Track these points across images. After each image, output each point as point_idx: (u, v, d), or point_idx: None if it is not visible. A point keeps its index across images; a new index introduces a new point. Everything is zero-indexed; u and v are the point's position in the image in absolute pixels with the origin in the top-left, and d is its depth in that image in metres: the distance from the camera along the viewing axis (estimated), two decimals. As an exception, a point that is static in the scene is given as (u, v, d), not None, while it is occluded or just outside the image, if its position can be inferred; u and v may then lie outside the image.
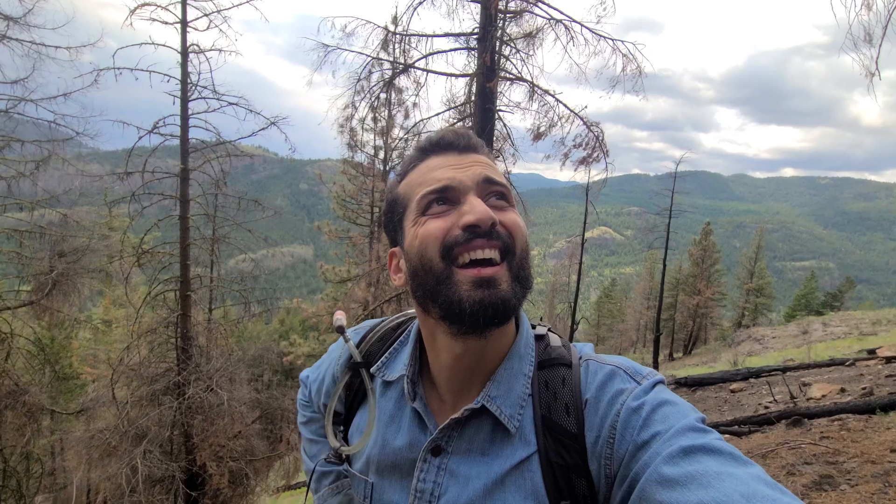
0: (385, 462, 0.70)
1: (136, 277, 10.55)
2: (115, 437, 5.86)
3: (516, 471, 0.62)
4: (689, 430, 0.53)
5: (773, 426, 5.72)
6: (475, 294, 0.58)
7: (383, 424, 0.72)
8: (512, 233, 0.62)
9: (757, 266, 32.89)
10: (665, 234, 14.59)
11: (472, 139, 0.70)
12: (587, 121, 5.47)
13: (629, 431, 0.57)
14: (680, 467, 0.49)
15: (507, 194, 0.66)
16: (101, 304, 17.86)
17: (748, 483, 0.46)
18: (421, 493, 0.65)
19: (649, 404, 0.58)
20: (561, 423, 0.62)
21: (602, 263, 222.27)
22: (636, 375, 0.63)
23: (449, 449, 0.66)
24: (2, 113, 7.24)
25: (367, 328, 0.85)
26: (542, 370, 0.67)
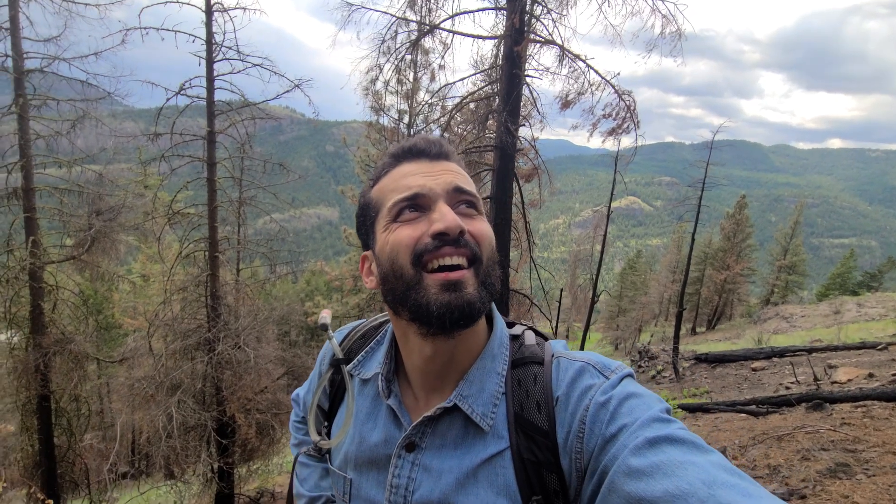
0: (362, 458, 0.72)
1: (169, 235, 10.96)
2: (152, 386, 6.28)
3: (488, 465, 0.64)
4: (654, 420, 0.55)
5: (792, 408, 5.65)
6: (442, 297, 0.61)
7: (360, 421, 0.74)
8: (479, 242, 0.64)
9: (792, 242, 31.55)
10: (696, 206, 14.06)
11: (444, 147, 0.71)
12: (618, 89, 5.20)
13: (597, 426, 0.59)
14: (646, 458, 0.51)
15: (476, 203, 0.68)
16: (139, 259, 18.72)
17: (709, 470, 0.48)
18: (396, 487, 0.67)
19: (616, 398, 0.59)
20: (533, 420, 0.64)
21: (628, 234, 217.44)
22: (604, 370, 0.64)
23: (423, 445, 0.68)
24: (37, 71, 7.40)
25: (351, 327, 0.88)
26: (516, 368, 0.69)
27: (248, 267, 9.52)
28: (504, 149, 5.26)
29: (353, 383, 0.77)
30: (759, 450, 4.16)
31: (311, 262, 27.46)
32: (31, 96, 7.35)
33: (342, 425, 0.72)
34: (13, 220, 7.55)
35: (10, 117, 7.42)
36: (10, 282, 7.51)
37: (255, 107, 7.25)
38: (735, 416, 6.07)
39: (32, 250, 7.39)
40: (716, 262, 30.02)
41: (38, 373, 7.43)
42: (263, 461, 7.53)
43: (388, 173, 0.70)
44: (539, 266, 7.80)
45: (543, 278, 8.39)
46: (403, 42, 6.65)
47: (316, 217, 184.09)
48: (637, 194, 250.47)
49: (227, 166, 7.38)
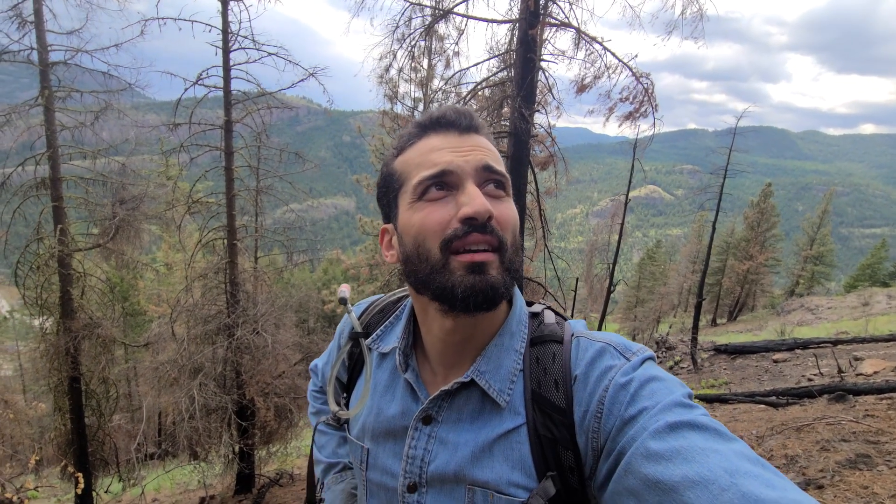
0: (379, 429, 0.73)
1: (190, 224, 11.23)
2: (175, 369, 6.48)
3: (504, 440, 0.64)
4: (676, 405, 0.54)
5: (813, 400, 5.52)
6: (467, 279, 0.60)
7: (379, 393, 0.75)
8: (504, 227, 0.63)
9: (820, 232, 30.54)
10: (718, 194, 13.71)
11: (475, 120, 0.68)
12: (636, 71, 5.06)
13: (616, 407, 0.58)
14: (666, 442, 0.50)
15: (505, 183, 0.66)
16: (163, 248, 19.24)
17: (731, 459, 0.47)
18: (412, 458, 0.68)
19: (637, 380, 0.59)
20: (550, 397, 0.64)
21: (648, 224, 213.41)
22: (626, 352, 0.64)
23: (439, 418, 0.68)
24: (61, 63, 7.59)
25: (369, 301, 0.89)
26: (535, 346, 0.69)
27: (266, 255, 9.68)
28: (518, 135, 5.20)
29: (372, 356, 0.78)
30: (777, 440, 4.09)
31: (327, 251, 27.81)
32: (56, 88, 7.55)
33: (360, 397, 0.74)
34: (42, 209, 7.82)
35: (36, 109, 7.66)
36: (40, 268, 7.81)
37: (271, 96, 7.31)
38: (754, 408, 5.97)
39: (61, 238, 7.65)
40: (738, 252, 29.28)
41: (69, 356, 7.75)
42: (282, 444, 7.73)
43: (413, 144, 0.68)
44: (555, 255, 7.74)
45: (559, 268, 8.33)
46: (417, 28, 6.59)
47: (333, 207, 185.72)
48: (657, 183, 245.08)
49: (245, 155, 7.49)
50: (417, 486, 0.68)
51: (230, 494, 7.57)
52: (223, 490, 7.77)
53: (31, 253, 7.86)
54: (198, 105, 6.99)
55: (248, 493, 7.47)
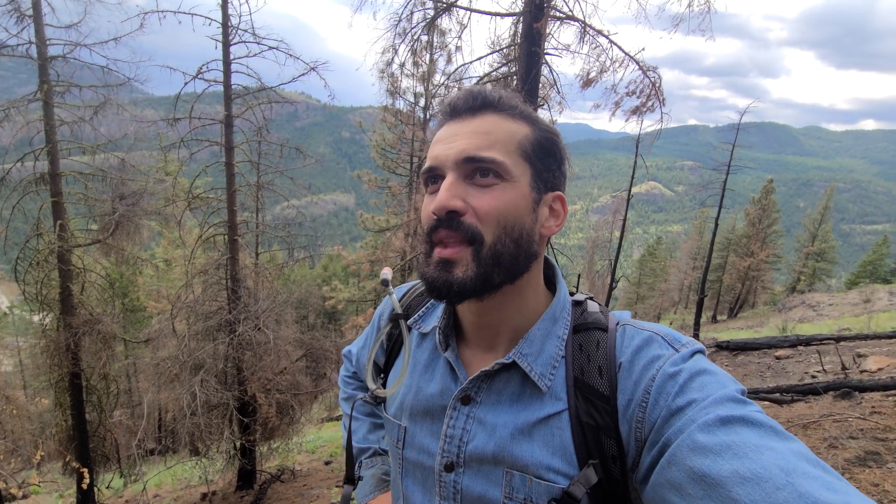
0: (418, 407, 0.74)
1: (190, 220, 11.19)
2: (176, 366, 6.45)
3: (544, 425, 0.63)
4: (728, 400, 0.52)
5: (818, 397, 5.50)
6: (430, 272, 0.63)
7: (418, 372, 0.76)
8: (482, 219, 0.62)
9: (821, 228, 30.48)
10: (720, 191, 13.65)
11: (480, 98, 0.66)
12: (643, 65, 5.00)
13: (664, 397, 0.57)
14: (716, 436, 0.49)
15: (495, 169, 0.62)
16: (162, 244, 19.19)
17: (789, 458, 0.45)
18: (451, 438, 0.68)
19: (687, 371, 0.57)
20: (593, 384, 0.63)
21: (648, 220, 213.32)
22: (675, 343, 0.62)
23: (478, 399, 0.68)
24: (60, 58, 7.52)
25: (410, 285, 0.89)
26: (578, 333, 0.68)
27: (266, 251, 9.66)
28: (522, 130, 5.14)
29: (412, 337, 0.79)
30: (783, 438, 4.06)
31: (328, 248, 27.74)
32: (54, 83, 7.48)
33: (398, 375, 0.74)
34: (41, 204, 7.77)
35: (35, 104, 7.59)
36: (40, 264, 7.77)
37: (271, 90, 7.24)
38: (759, 405, 5.94)
39: (60, 234, 7.61)
40: (739, 249, 29.24)
41: (69, 351, 7.72)
42: (283, 440, 7.72)
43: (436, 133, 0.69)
44: (557, 251, 7.69)
45: (561, 264, 8.29)
46: (419, 22, 6.52)
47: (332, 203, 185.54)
48: (658, 179, 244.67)
49: (245, 150, 7.43)
50: (455, 466, 0.68)
51: (232, 490, 7.57)
52: (225, 486, 7.76)
53: (30, 248, 7.82)
54: (197, 100, 6.93)
55: (250, 489, 7.47)
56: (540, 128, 0.67)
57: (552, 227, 0.68)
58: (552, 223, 0.68)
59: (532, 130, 0.66)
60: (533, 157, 0.65)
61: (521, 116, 0.67)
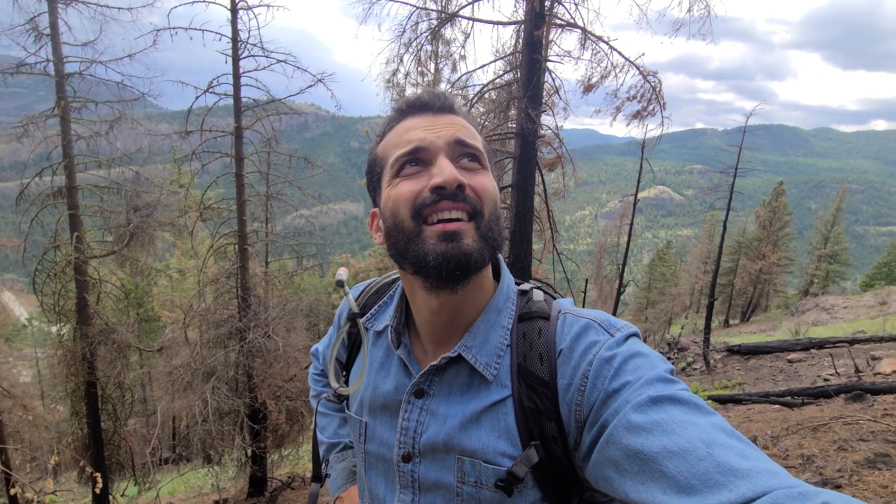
0: (376, 403, 0.77)
1: (202, 231, 11.39)
2: (188, 373, 6.56)
3: (491, 411, 0.67)
4: (658, 380, 0.57)
5: (830, 400, 5.43)
6: (439, 247, 0.62)
7: (375, 370, 0.79)
8: (480, 196, 0.65)
9: (834, 230, 30.00)
10: (728, 194, 13.56)
11: (449, 99, 0.71)
12: (643, 70, 5.05)
13: (600, 380, 0.60)
14: (647, 415, 0.53)
15: (479, 157, 0.68)
16: (175, 255, 19.49)
17: (709, 431, 0.50)
18: (405, 430, 0.72)
19: (621, 355, 0.61)
20: (534, 371, 0.66)
21: (657, 225, 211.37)
22: (610, 328, 0.66)
23: (431, 392, 0.71)
24: (77, 75, 7.77)
25: (366, 284, 0.92)
26: (522, 322, 0.71)
27: (276, 260, 9.78)
28: (525, 135, 5.21)
29: (369, 335, 0.82)
30: (793, 440, 4.03)
31: (337, 256, 27.92)
32: (71, 99, 7.72)
33: (358, 374, 0.77)
34: (58, 217, 7.98)
35: (53, 120, 7.83)
36: (57, 276, 7.96)
37: (280, 102, 7.40)
38: (768, 408, 5.88)
39: (77, 246, 7.80)
40: (750, 252, 28.88)
41: (85, 361, 7.87)
42: (294, 447, 7.78)
43: (392, 128, 0.71)
44: (564, 257, 7.71)
45: (569, 269, 8.30)
46: (424, 32, 6.64)
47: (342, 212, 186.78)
48: (666, 183, 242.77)
49: (255, 161, 7.59)
50: (411, 456, 0.71)
51: (243, 498, 7.62)
52: (236, 493, 7.83)
53: (48, 261, 8.02)
54: (209, 113, 7.11)
55: (261, 496, 7.52)
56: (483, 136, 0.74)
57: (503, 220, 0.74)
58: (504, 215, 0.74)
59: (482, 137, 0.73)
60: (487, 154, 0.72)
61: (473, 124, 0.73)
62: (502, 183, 8.20)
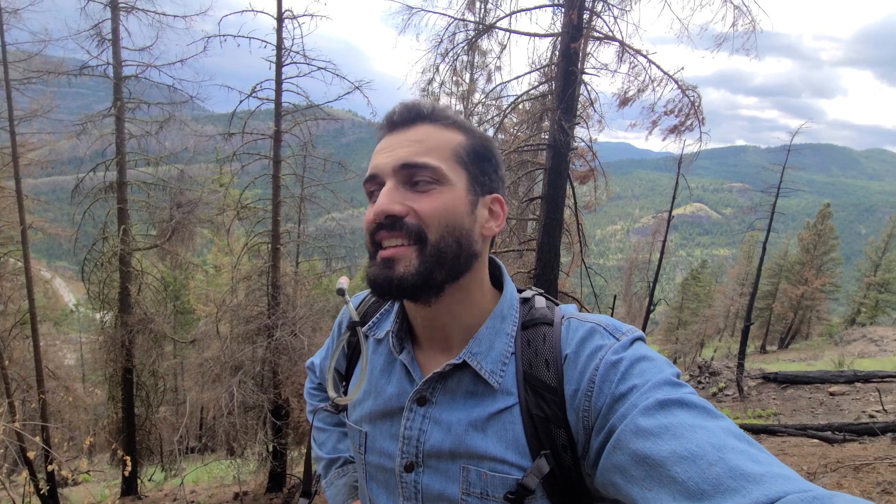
0: (377, 411, 0.75)
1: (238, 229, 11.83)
2: (218, 366, 6.79)
3: (497, 420, 0.65)
4: (665, 384, 0.56)
5: (875, 438, 5.09)
6: (374, 271, 0.66)
7: (376, 377, 0.78)
8: (424, 220, 0.64)
9: (885, 257, 28.24)
10: (769, 213, 13.01)
11: (416, 110, 0.68)
12: (682, 84, 4.95)
13: (607, 385, 0.59)
14: (655, 419, 0.52)
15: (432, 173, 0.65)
16: (213, 250, 20.26)
17: (719, 435, 0.49)
18: (408, 438, 0.70)
19: (628, 359, 0.60)
20: (541, 377, 0.65)
21: (693, 243, 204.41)
22: (615, 332, 0.65)
23: (433, 399, 0.70)
24: (133, 78, 8.28)
25: (366, 292, 0.90)
26: (526, 329, 0.70)
27: (306, 261, 10.03)
28: (557, 147, 5.18)
29: (369, 343, 0.81)
30: (832, 479, 3.80)
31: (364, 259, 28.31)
32: (127, 100, 8.22)
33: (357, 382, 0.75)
34: (108, 210, 8.47)
35: (109, 119, 8.36)
36: (104, 265, 8.43)
37: (318, 108, 7.64)
38: (805, 442, 5.56)
39: (123, 238, 8.24)
40: (792, 276, 27.52)
41: (124, 348, 8.27)
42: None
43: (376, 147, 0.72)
44: (593, 272, 7.58)
45: (597, 284, 8.14)
46: (460, 42, 6.73)
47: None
48: (704, 201, 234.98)
49: (291, 164, 7.84)
50: (414, 466, 0.70)
51: (262, 492, 7.78)
52: (256, 487, 7.99)
53: (96, 251, 8.51)
54: (251, 116, 7.41)
55: (279, 491, 7.66)
56: (474, 135, 0.70)
57: (492, 227, 0.70)
58: (492, 224, 0.70)
59: (466, 138, 0.69)
60: (468, 162, 0.68)
61: (454, 125, 0.69)
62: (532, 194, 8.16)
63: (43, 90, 8.77)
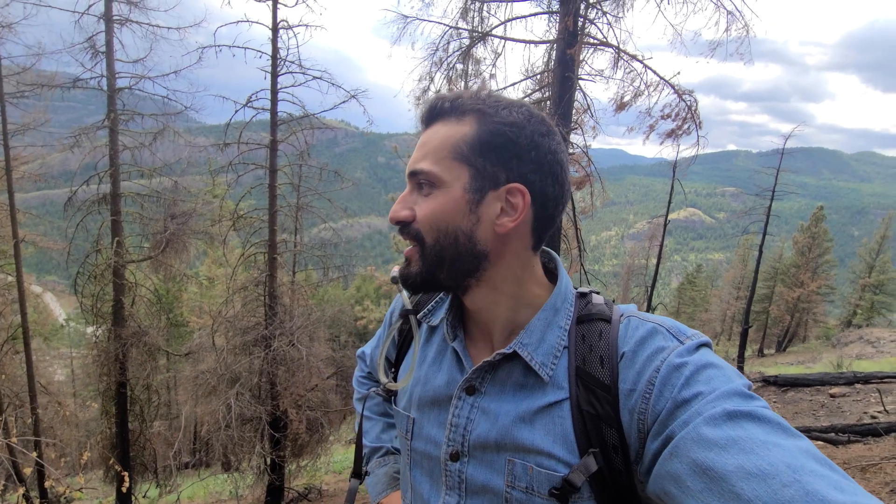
0: (426, 398, 0.75)
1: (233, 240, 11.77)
2: (214, 378, 6.69)
3: (546, 413, 0.64)
4: (735, 394, 0.52)
5: (879, 439, 5.07)
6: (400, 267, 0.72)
7: (427, 364, 0.78)
8: (423, 225, 0.67)
9: (879, 259, 28.49)
10: (764, 217, 13.10)
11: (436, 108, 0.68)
12: (678, 89, 4.98)
13: (668, 388, 0.56)
14: (721, 430, 0.48)
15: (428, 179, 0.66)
16: (206, 262, 20.14)
17: (796, 455, 0.44)
18: (455, 426, 0.70)
19: (693, 364, 0.57)
20: (594, 373, 0.63)
21: (687, 248, 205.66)
22: (679, 335, 0.62)
23: (482, 389, 0.70)
24: (127, 90, 8.25)
25: None
26: (581, 324, 0.69)
27: (303, 270, 9.96)
28: (555, 153, 5.18)
29: (422, 330, 0.82)
30: (839, 480, 3.76)
31: (361, 269, 28.23)
32: (120, 112, 8.17)
33: (408, 370, 0.76)
34: (101, 223, 8.38)
35: (102, 131, 8.31)
36: (97, 278, 8.32)
37: (313, 117, 7.63)
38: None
39: (117, 250, 8.15)
40: (787, 279, 27.67)
41: (118, 362, 8.14)
42: (312, 458, 7.76)
43: None
44: (591, 277, 7.57)
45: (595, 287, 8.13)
46: (455, 51, 6.76)
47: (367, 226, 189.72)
48: (697, 205, 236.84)
49: (287, 173, 7.81)
50: (460, 455, 0.69)
51: (260, 506, 7.63)
52: (253, 501, 7.84)
53: (89, 264, 8.40)
54: (246, 126, 7.39)
55: (278, 505, 7.51)
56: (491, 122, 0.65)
57: (506, 223, 0.65)
58: (505, 219, 0.65)
59: (477, 127, 0.65)
60: (471, 156, 0.64)
61: (470, 113, 0.66)
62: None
63: (35, 104, 8.72)
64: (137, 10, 7.85)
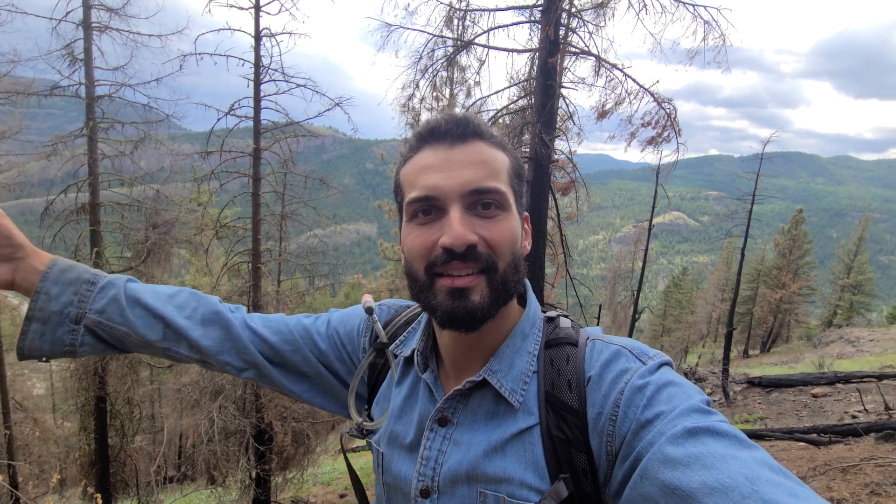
0: (397, 433, 0.74)
1: (217, 249, 11.60)
2: (197, 391, 6.54)
3: (517, 440, 0.64)
4: (694, 411, 0.54)
5: (859, 438, 5.16)
6: (446, 303, 0.62)
7: (402, 399, 0.76)
8: (494, 249, 0.63)
9: (857, 260, 29.25)
10: (746, 220, 13.34)
11: (470, 125, 0.65)
12: (658, 97, 5.07)
13: (632, 410, 0.57)
14: (684, 448, 0.50)
15: (499, 200, 0.63)
16: (190, 271, 19.81)
17: (752, 466, 0.46)
18: (427, 459, 0.68)
19: (654, 384, 0.58)
20: (563, 398, 0.63)
21: (672, 251, 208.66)
22: (642, 356, 0.63)
23: (454, 420, 0.69)
24: (106, 97, 8.10)
25: (394, 310, 0.87)
26: (549, 349, 0.69)
27: (289, 279, 9.84)
28: (538, 160, 5.23)
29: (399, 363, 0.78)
30: (821, 482, 3.81)
31: (349, 276, 28.06)
32: (99, 120, 8.02)
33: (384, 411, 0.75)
34: (80, 233, 8.19)
35: (81, 140, 8.14)
36: (75, 290, 8.11)
37: (297, 125, 7.58)
38: (793, 445, 5.61)
39: (96, 261, 7.96)
40: (770, 280, 28.23)
41: (97, 375, 7.92)
42: (298, 470, 7.62)
43: (411, 158, 0.68)
44: (577, 282, 7.62)
45: (582, 294, 8.17)
46: (440, 59, 6.80)
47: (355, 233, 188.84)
48: (682, 209, 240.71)
49: (272, 181, 7.73)
50: (430, 492, 0.67)
51: (245, 521, 7.46)
52: (239, 516, 7.67)
53: (67, 275, 8.19)
54: (229, 134, 7.31)
55: (264, 520, 7.35)
56: (512, 153, 0.69)
57: (527, 246, 0.70)
58: (526, 243, 0.70)
59: (508, 157, 0.68)
60: (514, 183, 0.67)
61: (499, 144, 0.67)
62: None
63: (12, 111, 8.51)
64: (117, 18, 7.74)
